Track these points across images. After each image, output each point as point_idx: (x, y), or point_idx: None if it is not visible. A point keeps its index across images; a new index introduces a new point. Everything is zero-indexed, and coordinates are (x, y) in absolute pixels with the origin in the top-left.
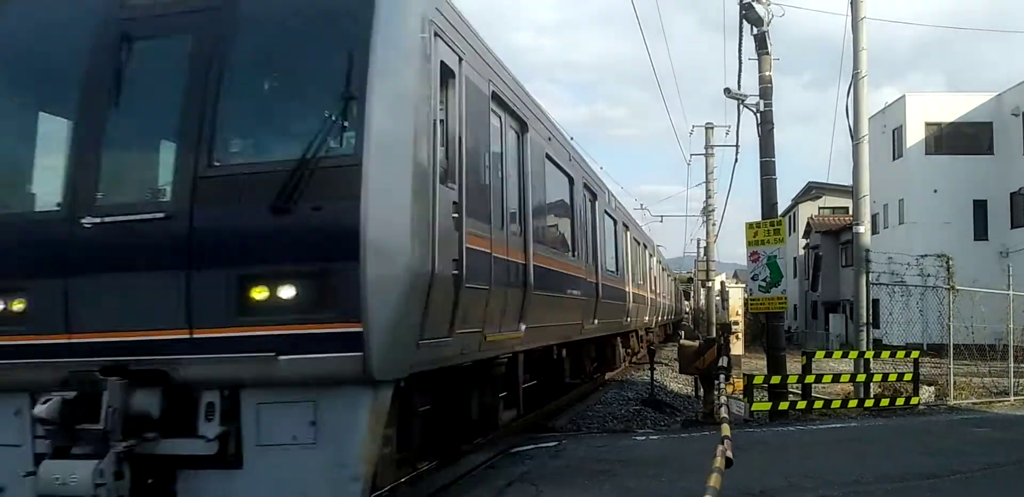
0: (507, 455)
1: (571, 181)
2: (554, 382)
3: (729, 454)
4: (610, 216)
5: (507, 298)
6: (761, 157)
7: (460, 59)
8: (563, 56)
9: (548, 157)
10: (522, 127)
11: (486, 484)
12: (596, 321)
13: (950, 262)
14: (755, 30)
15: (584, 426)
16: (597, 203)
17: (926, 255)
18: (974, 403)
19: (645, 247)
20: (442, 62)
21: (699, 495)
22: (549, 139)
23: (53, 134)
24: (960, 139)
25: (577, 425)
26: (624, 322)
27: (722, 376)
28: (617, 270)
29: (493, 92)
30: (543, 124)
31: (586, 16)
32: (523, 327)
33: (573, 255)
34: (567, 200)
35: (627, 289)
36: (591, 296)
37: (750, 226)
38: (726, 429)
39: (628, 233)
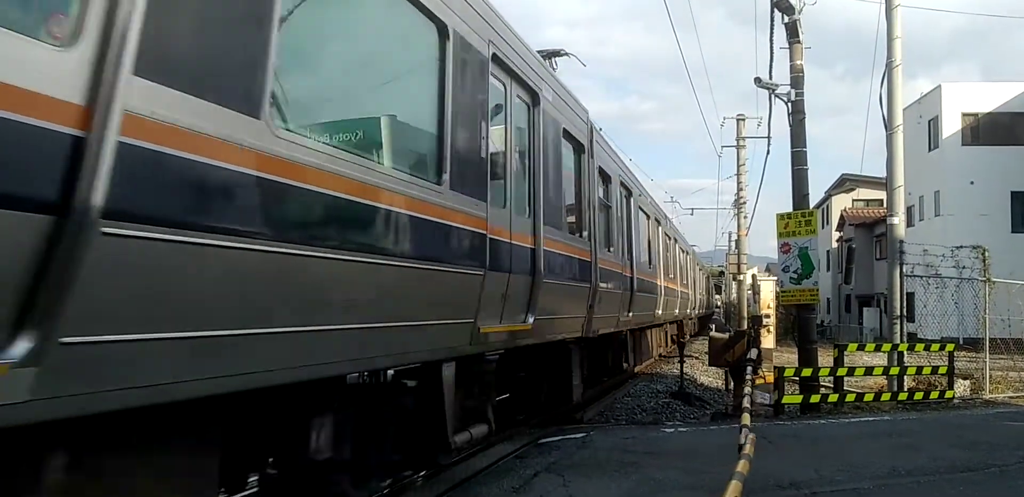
0: (535, 445)
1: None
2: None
3: (751, 436)
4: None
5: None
6: (792, 147)
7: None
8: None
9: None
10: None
11: (514, 473)
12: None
13: (986, 254)
14: (786, 19)
15: (612, 418)
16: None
17: (962, 247)
18: (1010, 397)
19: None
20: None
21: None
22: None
23: None
24: (997, 130)
25: (605, 417)
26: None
27: (749, 368)
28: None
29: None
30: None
31: (616, 11)
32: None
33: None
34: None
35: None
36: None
37: (781, 217)
38: (746, 419)
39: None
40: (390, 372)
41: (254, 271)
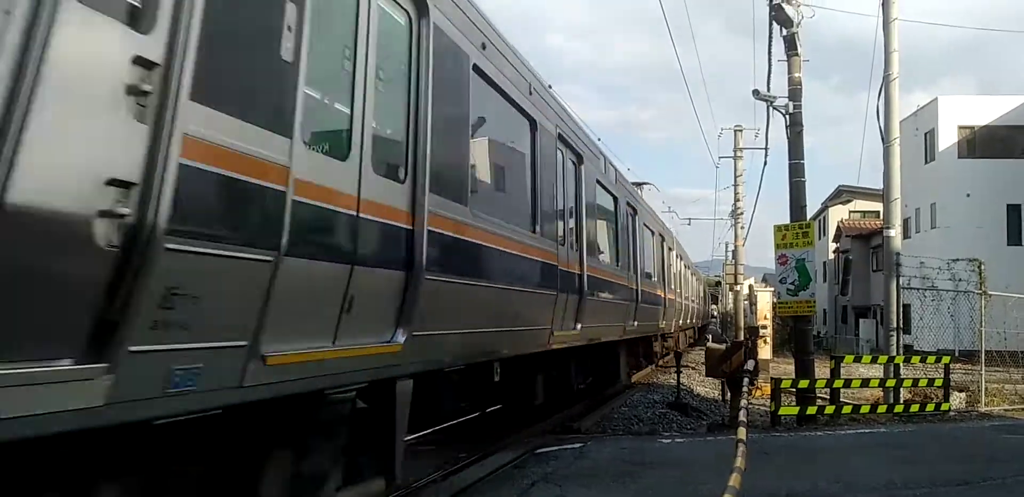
0: (532, 455)
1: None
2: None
3: (742, 449)
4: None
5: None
6: (790, 159)
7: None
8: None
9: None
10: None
11: (511, 483)
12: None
13: (982, 267)
14: (784, 31)
15: (610, 428)
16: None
17: (958, 259)
18: (1006, 410)
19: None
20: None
21: None
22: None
23: None
24: (993, 142)
25: (603, 427)
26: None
27: (746, 379)
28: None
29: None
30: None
31: (616, 20)
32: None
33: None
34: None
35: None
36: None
37: (778, 229)
38: (742, 433)
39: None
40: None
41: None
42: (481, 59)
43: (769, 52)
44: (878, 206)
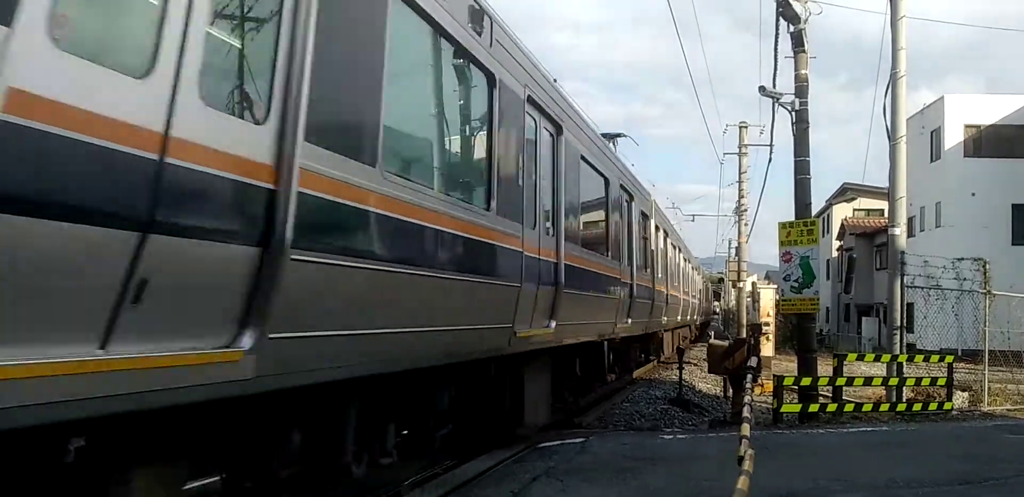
0: (534, 450)
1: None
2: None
3: (749, 452)
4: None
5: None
6: (796, 156)
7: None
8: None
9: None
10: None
11: (512, 478)
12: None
13: (987, 266)
14: (791, 28)
15: (611, 423)
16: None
17: (963, 259)
18: (1008, 410)
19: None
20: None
21: (724, 494)
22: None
23: None
24: (1000, 142)
25: (604, 422)
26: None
27: (749, 376)
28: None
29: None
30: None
31: (623, 17)
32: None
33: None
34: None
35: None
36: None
37: (783, 226)
38: (746, 429)
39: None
40: None
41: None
42: None
43: (775, 49)
44: (882, 204)
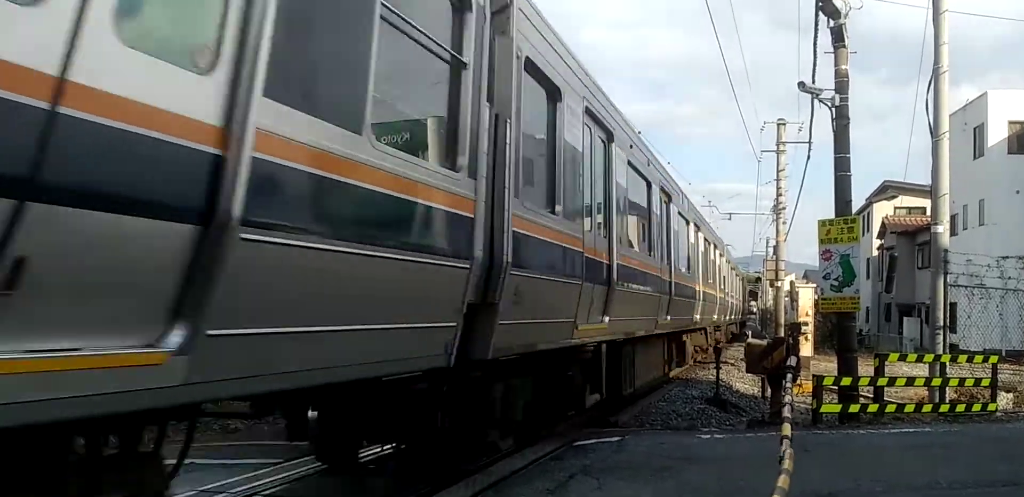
0: (571, 447)
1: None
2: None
3: (789, 451)
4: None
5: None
6: (836, 153)
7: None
8: (634, 53)
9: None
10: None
11: (549, 475)
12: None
13: None
14: (831, 23)
15: (647, 422)
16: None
17: (1007, 257)
18: None
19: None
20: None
21: (763, 494)
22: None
23: None
24: None
25: (640, 421)
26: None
27: (789, 376)
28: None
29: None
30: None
31: (658, 14)
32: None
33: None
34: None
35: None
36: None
37: (822, 224)
38: (787, 429)
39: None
40: None
41: None
42: None
43: (815, 44)
44: (924, 202)
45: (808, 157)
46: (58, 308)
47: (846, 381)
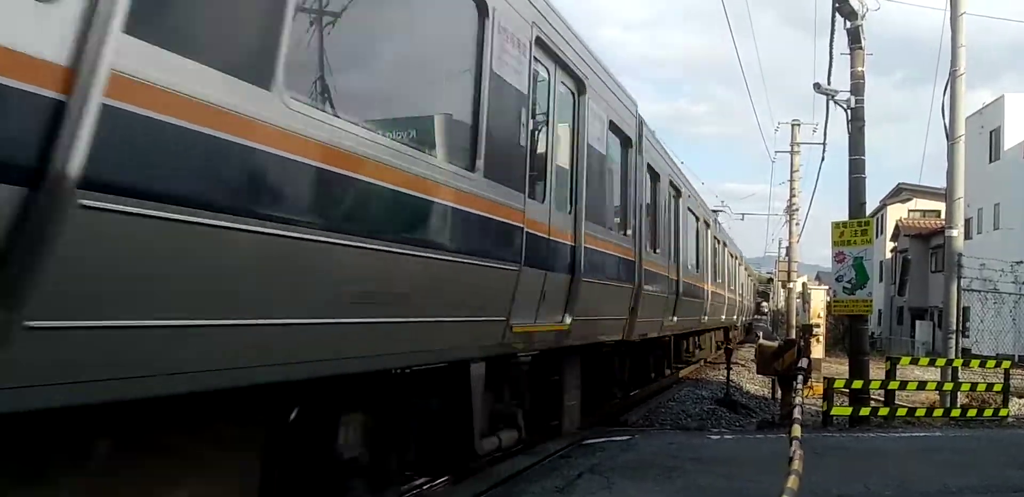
0: (579, 446)
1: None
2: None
3: (799, 452)
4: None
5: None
6: (851, 155)
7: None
8: (648, 52)
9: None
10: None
11: (558, 473)
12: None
13: None
14: (848, 24)
15: (657, 422)
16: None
17: (1021, 262)
18: None
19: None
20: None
21: (772, 495)
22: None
23: None
24: None
25: (650, 421)
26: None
27: (800, 377)
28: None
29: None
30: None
31: (673, 13)
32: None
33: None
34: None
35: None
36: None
37: (836, 226)
38: (797, 430)
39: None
40: None
41: None
42: None
43: (831, 45)
44: (938, 205)
45: (822, 158)
46: None
47: (857, 384)
